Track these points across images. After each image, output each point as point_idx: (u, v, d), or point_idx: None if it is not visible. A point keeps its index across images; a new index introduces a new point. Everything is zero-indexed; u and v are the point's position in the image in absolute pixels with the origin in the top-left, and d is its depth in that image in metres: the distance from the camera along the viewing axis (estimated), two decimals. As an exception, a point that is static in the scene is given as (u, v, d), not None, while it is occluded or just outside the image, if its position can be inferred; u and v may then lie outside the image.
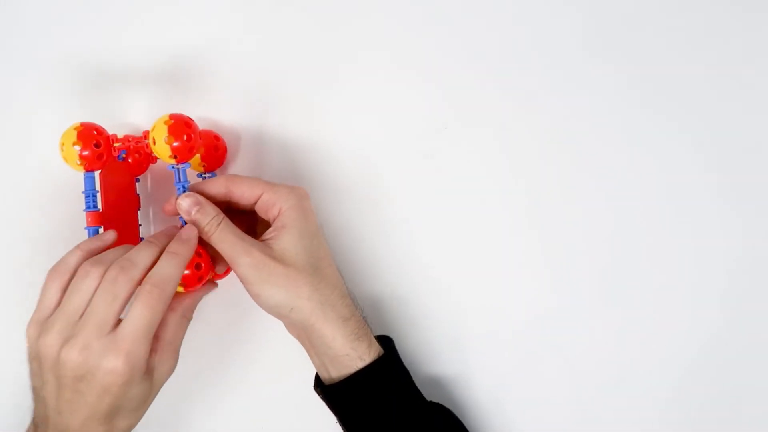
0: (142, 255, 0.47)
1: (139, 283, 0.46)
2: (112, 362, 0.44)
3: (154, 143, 0.49)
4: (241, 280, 0.49)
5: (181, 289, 0.49)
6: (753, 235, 0.56)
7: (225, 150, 0.57)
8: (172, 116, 0.49)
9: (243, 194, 0.50)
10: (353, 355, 0.49)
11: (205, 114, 0.57)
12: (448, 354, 0.58)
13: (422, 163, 0.58)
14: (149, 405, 0.49)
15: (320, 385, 0.52)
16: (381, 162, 0.58)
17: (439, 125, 0.57)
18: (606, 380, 0.57)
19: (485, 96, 0.57)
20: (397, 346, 0.53)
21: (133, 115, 0.57)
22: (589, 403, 0.57)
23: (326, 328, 0.49)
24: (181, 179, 0.51)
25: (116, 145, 0.53)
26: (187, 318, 0.50)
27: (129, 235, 0.55)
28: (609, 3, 0.57)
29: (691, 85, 0.56)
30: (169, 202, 0.51)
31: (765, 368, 0.56)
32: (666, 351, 0.57)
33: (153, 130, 0.49)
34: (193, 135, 0.49)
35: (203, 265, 0.50)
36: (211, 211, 0.49)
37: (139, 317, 0.45)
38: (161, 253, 0.47)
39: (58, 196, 0.57)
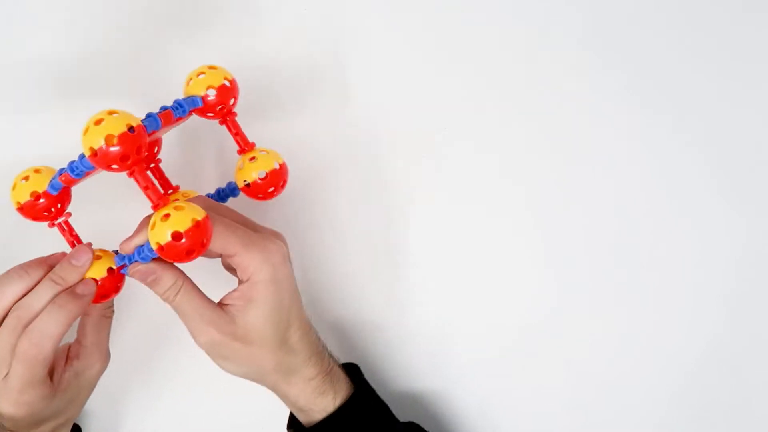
0: (36, 302, 0.45)
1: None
2: (7, 408, 0.45)
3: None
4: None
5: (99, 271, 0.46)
6: (755, 235, 0.55)
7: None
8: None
9: (214, 248, 0.44)
10: (316, 410, 0.50)
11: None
12: (447, 356, 0.59)
13: (422, 163, 0.58)
14: (84, 400, 0.50)
15: (293, 426, 0.53)
16: (380, 162, 0.59)
17: (438, 125, 0.58)
18: (605, 384, 0.57)
19: (485, 96, 0.57)
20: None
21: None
22: (585, 409, 0.57)
23: (290, 390, 0.50)
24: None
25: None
26: (107, 316, 0.50)
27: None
28: (609, 3, 0.55)
29: (692, 84, 0.55)
30: (126, 243, 0.46)
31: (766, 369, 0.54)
32: (667, 353, 0.56)
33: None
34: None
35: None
36: (168, 281, 0.45)
37: (17, 373, 0.44)
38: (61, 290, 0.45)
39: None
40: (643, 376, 0.56)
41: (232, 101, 0.50)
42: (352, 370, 0.53)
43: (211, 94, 0.48)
